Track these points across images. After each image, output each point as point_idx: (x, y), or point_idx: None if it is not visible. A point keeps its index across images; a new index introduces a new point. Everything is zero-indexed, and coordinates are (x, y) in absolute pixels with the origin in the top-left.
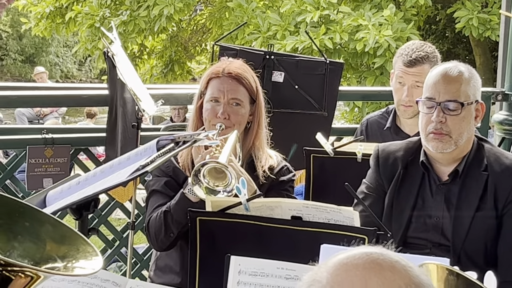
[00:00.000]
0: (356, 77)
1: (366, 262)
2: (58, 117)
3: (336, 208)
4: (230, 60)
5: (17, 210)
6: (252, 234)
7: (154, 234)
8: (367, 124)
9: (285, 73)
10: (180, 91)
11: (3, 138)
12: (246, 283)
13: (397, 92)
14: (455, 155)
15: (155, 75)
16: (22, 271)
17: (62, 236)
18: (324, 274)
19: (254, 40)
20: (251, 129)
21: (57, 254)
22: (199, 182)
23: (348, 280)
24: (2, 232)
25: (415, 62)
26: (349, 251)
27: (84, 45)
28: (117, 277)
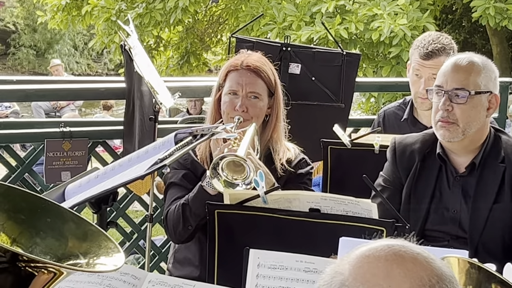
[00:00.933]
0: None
1: (388, 254)
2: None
3: (354, 200)
4: (249, 52)
5: (39, 206)
6: (270, 226)
7: (172, 226)
8: (384, 116)
9: (302, 65)
10: (197, 84)
11: (21, 131)
12: (266, 276)
13: (414, 84)
14: (467, 145)
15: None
16: (45, 267)
17: (83, 232)
18: (346, 266)
19: (269, 31)
20: (269, 122)
21: (79, 250)
22: (218, 175)
23: (370, 272)
24: (25, 228)
25: (431, 55)
26: (371, 244)
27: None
28: (136, 270)
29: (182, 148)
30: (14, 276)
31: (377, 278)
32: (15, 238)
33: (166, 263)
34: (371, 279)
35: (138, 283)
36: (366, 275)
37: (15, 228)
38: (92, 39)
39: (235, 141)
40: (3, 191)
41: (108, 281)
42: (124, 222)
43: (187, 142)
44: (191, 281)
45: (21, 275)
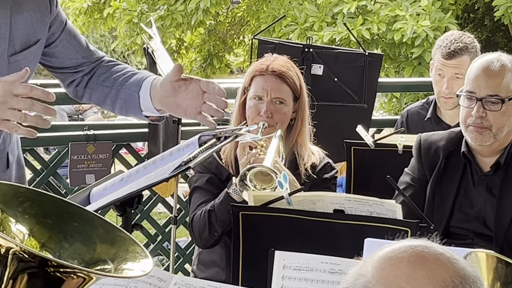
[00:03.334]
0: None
1: (411, 255)
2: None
3: (379, 201)
4: (275, 56)
5: (65, 210)
6: (294, 228)
7: (198, 232)
8: (407, 116)
9: (324, 65)
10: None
11: (45, 135)
12: (291, 277)
13: (437, 84)
14: (496, 147)
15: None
16: (74, 272)
17: (111, 236)
18: (369, 268)
19: (291, 32)
20: (294, 126)
21: (107, 256)
22: (246, 186)
23: (393, 274)
24: (53, 233)
25: (453, 54)
26: (393, 245)
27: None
28: (162, 272)
29: (206, 150)
30: (43, 281)
31: (400, 280)
32: (44, 243)
33: (190, 265)
34: (394, 281)
35: (164, 286)
36: (389, 277)
37: (44, 233)
38: (113, 42)
39: (262, 149)
40: (32, 196)
41: (134, 284)
42: (148, 224)
43: (211, 144)
44: (216, 283)
45: (50, 280)
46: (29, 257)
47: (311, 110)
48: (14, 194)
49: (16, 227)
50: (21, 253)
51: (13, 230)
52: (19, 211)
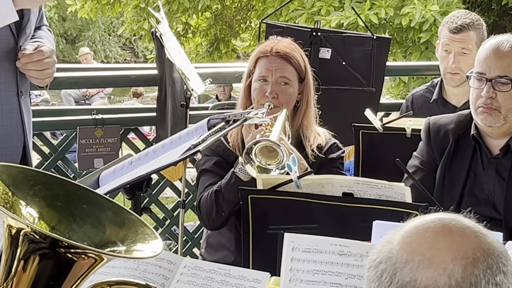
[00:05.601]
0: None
1: (437, 226)
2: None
3: (388, 184)
4: (279, 39)
5: (75, 192)
6: (303, 211)
7: (205, 213)
8: (412, 99)
9: (332, 49)
10: (227, 70)
11: (53, 119)
12: (300, 259)
13: (443, 60)
14: (505, 129)
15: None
16: (85, 253)
17: (120, 218)
18: (397, 236)
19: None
20: (299, 108)
21: (117, 237)
22: (251, 161)
23: (417, 242)
24: (63, 216)
25: (460, 29)
26: (424, 217)
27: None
28: (172, 255)
29: (215, 133)
30: (54, 262)
31: (421, 247)
32: (54, 226)
33: (198, 249)
34: (416, 248)
35: (173, 268)
36: (412, 244)
37: (54, 216)
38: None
39: (267, 127)
40: (42, 179)
41: (144, 266)
42: (156, 208)
43: (220, 127)
44: (226, 265)
45: (61, 261)
46: (40, 238)
47: (317, 93)
48: (24, 177)
49: (27, 210)
50: (32, 234)
51: (24, 213)
52: (30, 194)
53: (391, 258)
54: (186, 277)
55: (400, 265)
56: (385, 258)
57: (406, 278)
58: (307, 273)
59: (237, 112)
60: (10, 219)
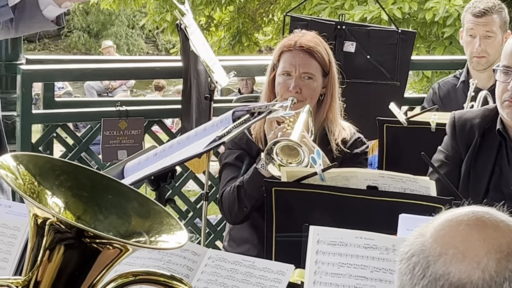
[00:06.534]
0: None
1: (471, 219)
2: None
3: (412, 178)
4: (303, 32)
5: (100, 183)
6: (327, 204)
7: (227, 208)
8: (439, 86)
9: (357, 43)
10: (251, 62)
11: (78, 110)
12: (325, 252)
13: (469, 45)
14: None
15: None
16: (110, 243)
17: (145, 209)
18: (430, 229)
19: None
20: (324, 102)
21: (142, 228)
22: (272, 160)
23: (450, 235)
24: (89, 206)
25: (484, 12)
26: (457, 209)
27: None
28: (196, 246)
29: (240, 125)
30: (80, 252)
31: (455, 241)
32: (80, 216)
33: (221, 242)
34: (449, 242)
35: (198, 259)
36: (445, 237)
37: (79, 206)
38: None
39: (289, 123)
40: (68, 169)
41: (168, 257)
42: (179, 201)
43: (244, 119)
44: (250, 257)
45: (87, 251)
46: (65, 227)
47: (341, 86)
48: (50, 167)
49: (52, 200)
50: (57, 223)
51: (49, 203)
52: (55, 184)
53: (424, 251)
54: (210, 268)
55: (433, 258)
56: (417, 251)
57: (439, 271)
58: (332, 265)
59: (262, 104)
60: (36, 208)
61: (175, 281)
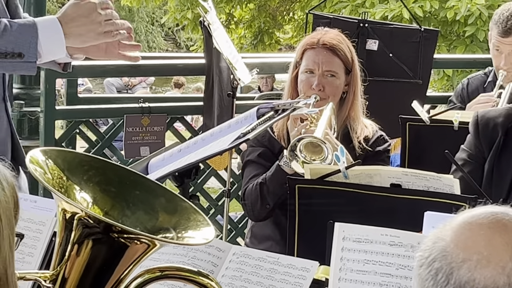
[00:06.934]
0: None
1: (491, 222)
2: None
3: (436, 176)
4: (326, 30)
5: (128, 178)
6: (351, 201)
7: (250, 205)
8: (468, 82)
9: (379, 41)
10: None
11: (101, 106)
12: (351, 249)
13: (496, 58)
14: None
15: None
16: (137, 238)
17: (173, 205)
18: (449, 233)
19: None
20: (346, 99)
21: (169, 224)
22: (296, 157)
23: (472, 239)
24: (116, 202)
25: (510, 32)
26: (474, 210)
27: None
28: (221, 242)
29: (264, 122)
30: (107, 246)
31: (478, 246)
32: (107, 211)
33: (242, 239)
34: (472, 247)
35: (222, 255)
36: (467, 242)
37: (107, 201)
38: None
39: (313, 121)
40: (96, 164)
41: (193, 253)
42: (201, 198)
43: (269, 117)
44: (275, 254)
45: (114, 246)
46: (93, 222)
47: (363, 84)
48: (79, 163)
49: (81, 195)
50: (86, 218)
51: (78, 198)
52: (84, 179)
53: (446, 257)
54: (235, 264)
55: (457, 265)
56: (439, 257)
57: (464, 278)
58: (358, 262)
59: (286, 101)
60: (64, 203)
61: (202, 276)
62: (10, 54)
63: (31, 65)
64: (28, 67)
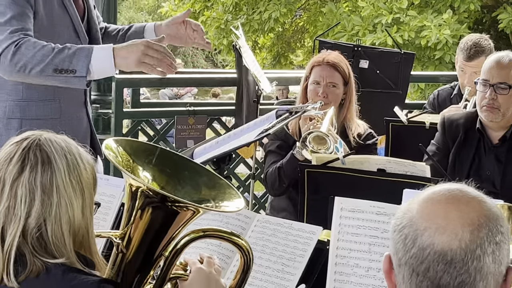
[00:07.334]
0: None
1: (448, 198)
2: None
3: (412, 163)
4: (329, 52)
5: (179, 162)
6: (347, 182)
7: (270, 184)
8: (438, 93)
9: (369, 61)
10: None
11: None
12: (347, 217)
13: (461, 77)
14: (503, 124)
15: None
16: (186, 206)
17: (213, 182)
18: (415, 206)
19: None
20: (344, 104)
21: (210, 196)
22: (306, 146)
23: (433, 212)
24: (169, 179)
25: (472, 58)
26: (435, 187)
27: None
28: (248, 212)
29: (282, 121)
30: (163, 212)
31: (437, 217)
32: (163, 186)
33: (264, 211)
34: (433, 218)
35: (249, 221)
36: (429, 214)
37: (163, 179)
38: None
39: (319, 120)
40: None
41: (226, 219)
42: (232, 180)
43: (285, 117)
44: (289, 220)
45: (168, 212)
46: (153, 194)
47: (357, 93)
48: (143, 149)
49: (143, 174)
50: (147, 191)
51: (141, 176)
52: (145, 162)
53: (412, 225)
54: (258, 228)
55: (420, 232)
56: (407, 225)
57: (426, 242)
58: (352, 227)
59: (298, 106)
60: (131, 179)
61: (235, 236)
62: (65, 70)
63: (82, 80)
64: (79, 81)
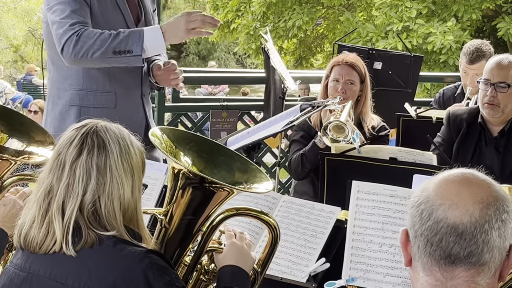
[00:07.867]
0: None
1: (461, 179)
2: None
3: (421, 152)
4: (347, 53)
5: (216, 148)
6: (362, 169)
7: (294, 169)
8: (443, 93)
9: (382, 62)
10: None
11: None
12: (363, 198)
13: (463, 78)
14: (502, 119)
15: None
16: (222, 187)
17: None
18: (431, 185)
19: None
20: (360, 100)
21: (242, 179)
22: (326, 134)
23: (447, 191)
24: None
25: (474, 61)
26: (450, 171)
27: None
28: (275, 193)
29: (305, 114)
30: (201, 192)
31: (451, 195)
32: (201, 170)
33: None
34: (447, 196)
35: (276, 202)
36: (443, 192)
37: (201, 163)
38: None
39: (338, 112)
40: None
41: (256, 200)
42: (260, 167)
43: (308, 110)
44: (311, 201)
45: (206, 192)
46: (192, 176)
47: (372, 91)
48: (184, 137)
49: (184, 158)
50: (187, 173)
51: (182, 160)
52: (186, 148)
53: (428, 201)
54: (284, 208)
55: (436, 207)
56: (424, 201)
57: (440, 216)
58: (367, 208)
59: (319, 101)
60: (173, 163)
61: (264, 214)
62: (122, 52)
63: (138, 58)
64: (136, 60)
